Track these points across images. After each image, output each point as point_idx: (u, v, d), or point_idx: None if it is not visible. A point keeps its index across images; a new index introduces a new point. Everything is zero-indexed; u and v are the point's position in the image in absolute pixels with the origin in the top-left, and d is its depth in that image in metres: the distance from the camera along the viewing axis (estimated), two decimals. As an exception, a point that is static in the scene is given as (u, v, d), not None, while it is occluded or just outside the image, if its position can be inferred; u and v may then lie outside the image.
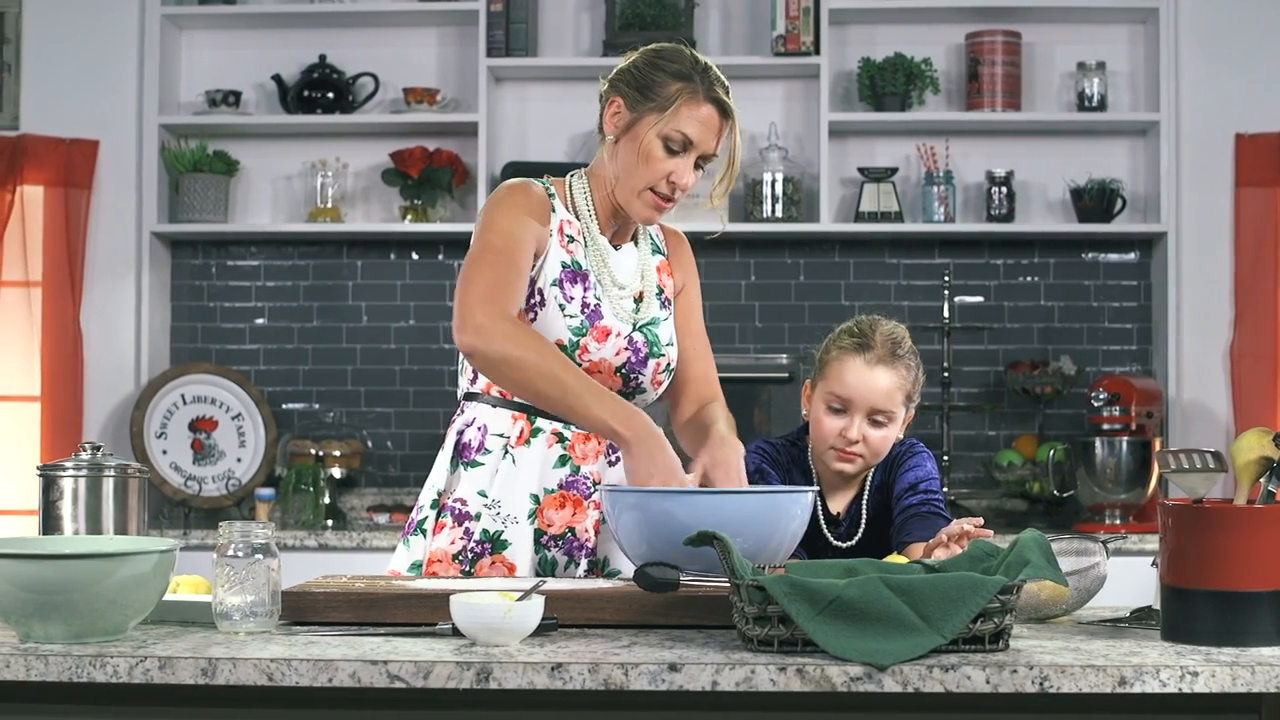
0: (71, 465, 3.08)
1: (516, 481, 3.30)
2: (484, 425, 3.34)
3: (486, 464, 3.32)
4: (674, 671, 2.35)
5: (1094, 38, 6.23)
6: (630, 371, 3.35)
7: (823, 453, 3.49)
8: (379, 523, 5.87)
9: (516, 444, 3.31)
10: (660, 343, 3.40)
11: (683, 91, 3.23)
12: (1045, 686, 2.34)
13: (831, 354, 3.52)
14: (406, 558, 3.35)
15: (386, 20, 6.32)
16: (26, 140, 6.19)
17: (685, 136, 3.24)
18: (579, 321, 3.28)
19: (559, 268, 3.30)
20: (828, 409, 3.48)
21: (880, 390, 3.46)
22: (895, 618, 2.41)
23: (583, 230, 3.36)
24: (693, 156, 3.26)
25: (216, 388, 6.21)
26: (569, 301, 3.29)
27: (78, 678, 2.40)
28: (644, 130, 3.25)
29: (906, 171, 6.25)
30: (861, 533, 3.54)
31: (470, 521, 3.29)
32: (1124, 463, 5.72)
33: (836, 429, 3.46)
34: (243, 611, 2.63)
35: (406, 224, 6.16)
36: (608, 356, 3.31)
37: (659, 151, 3.24)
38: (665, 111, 3.23)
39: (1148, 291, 6.27)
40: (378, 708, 2.46)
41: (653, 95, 3.25)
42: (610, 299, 3.34)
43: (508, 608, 2.48)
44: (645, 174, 3.26)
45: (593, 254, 3.35)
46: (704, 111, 3.25)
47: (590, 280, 3.33)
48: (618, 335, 3.32)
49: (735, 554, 2.51)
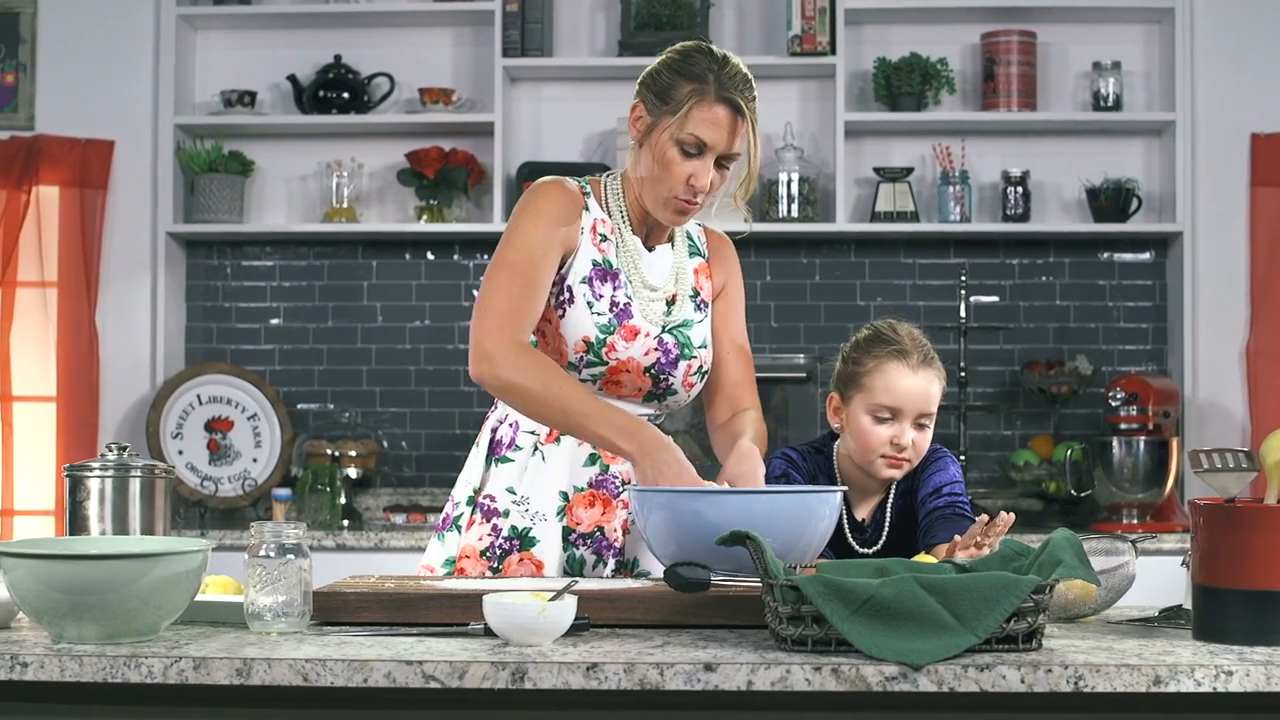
0: (98, 466, 3.08)
1: (545, 478, 3.31)
2: (515, 422, 3.35)
3: (517, 460, 3.33)
4: (709, 671, 2.35)
5: (1109, 38, 6.23)
6: (660, 372, 3.34)
7: (871, 462, 3.48)
8: (396, 523, 5.87)
9: (546, 441, 3.32)
10: (693, 345, 3.39)
11: (694, 94, 3.21)
12: (1080, 686, 2.34)
13: (867, 365, 3.50)
14: (441, 553, 3.36)
15: (402, 20, 6.32)
16: (42, 140, 6.20)
17: (698, 139, 3.22)
18: (607, 319, 3.28)
19: (589, 265, 3.30)
20: (874, 419, 3.47)
21: (927, 394, 3.47)
22: (929, 617, 2.41)
23: (616, 229, 3.36)
24: (710, 158, 3.24)
25: (232, 388, 6.22)
26: (598, 299, 3.29)
27: (112, 678, 2.41)
28: (660, 136, 3.25)
29: (922, 171, 6.25)
30: (885, 539, 3.54)
31: (499, 518, 3.30)
32: (1141, 462, 5.72)
33: (887, 438, 3.46)
34: (274, 612, 2.63)
35: (422, 224, 6.16)
36: (636, 356, 3.31)
37: (675, 156, 3.23)
38: (677, 115, 3.22)
39: (1163, 291, 6.27)
40: (411, 708, 2.46)
41: (667, 99, 3.24)
42: (640, 300, 3.34)
43: (541, 608, 2.48)
44: (665, 179, 3.26)
45: (624, 254, 3.35)
46: (716, 113, 3.22)
47: (621, 279, 3.33)
48: (646, 335, 3.32)
49: (769, 554, 2.51)
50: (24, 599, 2.53)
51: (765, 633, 2.59)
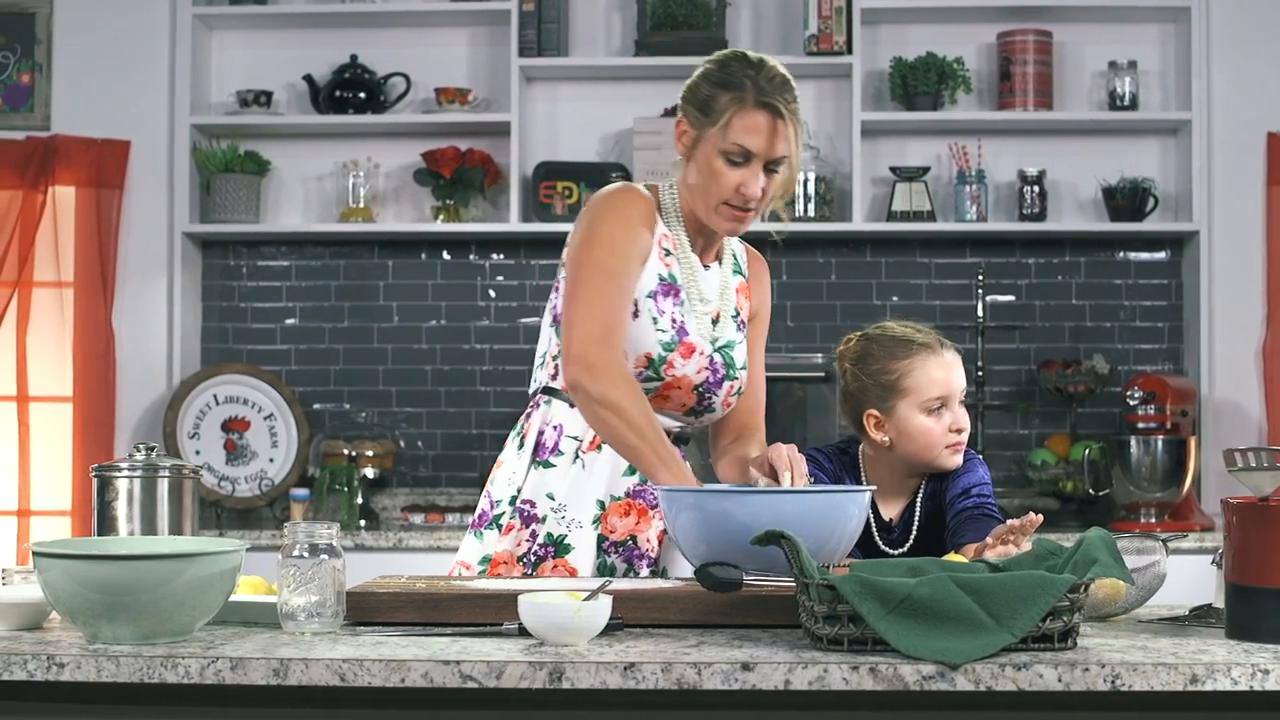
0: (126, 466, 3.09)
1: (585, 486, 3.31)
2: (560, 425, 3.35)
3: (558, 466, 3.33)
4: (747, 671, 2.35)
5: (1125, 37, 6.23)
6: (706, 391, 3.36)
7: (936, 456, 3.48)
8: (415, 523, 5.87)
9: (588, 449, 3.32)
10: (735, 366, 3.42)
11: (732, 103, 3.23)
12: (1117, 685, 2.34)
13: (899, 370, 3.49)
14: (478, 550, 3.35)
15: (418, 20, 6.31)
16: (58, 141, 6.20)
17: (742, 148, 3.24)
18: (669, 336, 3.29)
19: (656, 280, 3.31)
20: (928, 414, 3.48)
21: (961, 372, 3.53)
22: (966, 616, 2.41)
23: (677, 243, 3.36)
24: (757, 165, 3.25)
25: (248, 388, 6.22)
26: (660, 315, 3.29)
27: (149, 678, 2.41)
28: (705, 147, 3.27)
29: (938, 171, 6.25)
30: (913, 539, 3.54)
31: (536, 524, 3.30)
32: (1159, 461, 5.71)
33: (946, 426, 3.48)
34: (307, 612, 2.64)
35: (438, 224, 6.16)
36: (689, 374, 3.32)
37: (721, 166, 3.25)
38: (718, 126, 3.23)
39: (1179, 290, 6.26)
40: (448, 708, 2.46)
41: (709, 111, 3.26)
42: (695, 316, 3.35)
43: (577, 608, 2.48)
44: (715, 190, 3.27)
45: (685, 269, 3.36)
46: (756, 119, 3.23)
47: (681, 296, 3.33)
48: (700, 354, 3.33)
49: (804, 553, 2.52)
50: (59, 599, 2.53)
51: (799, 632, 2.59)
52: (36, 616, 2.73)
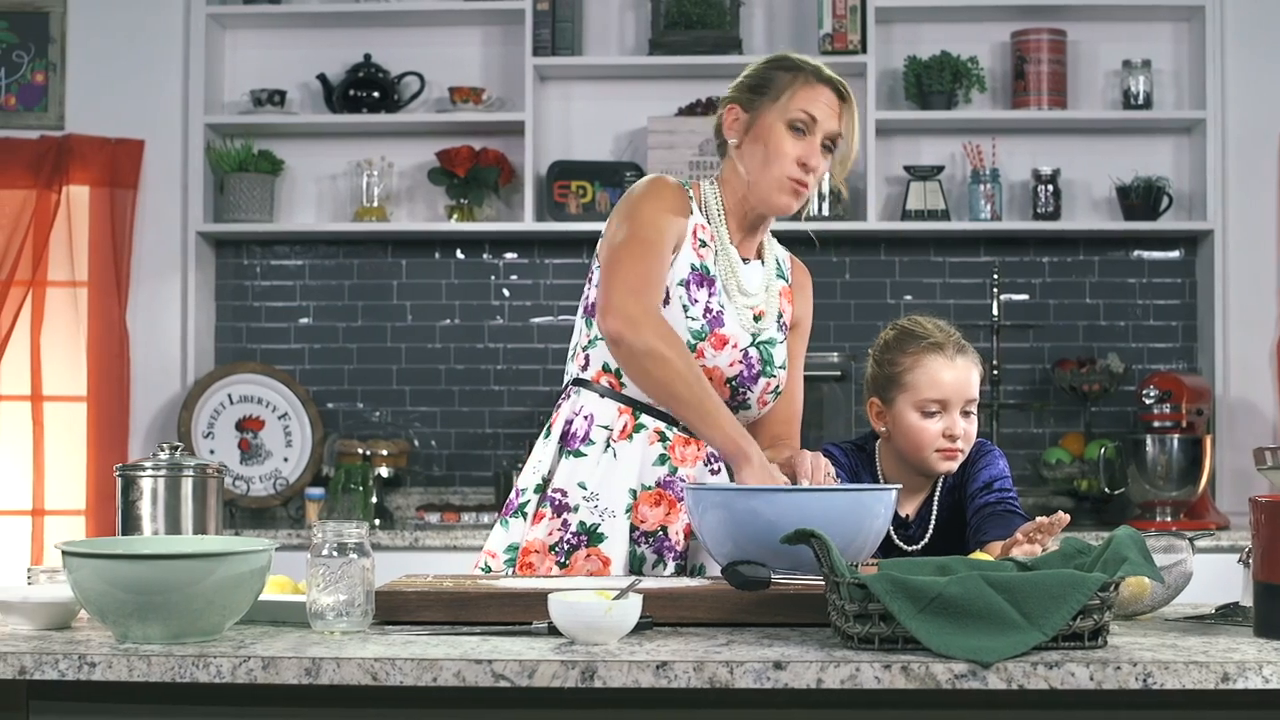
0: (151, 465, 3.09)
1: (616, 475, 3.31)
2: (590, 414, 3.35)
3: (589, 455, 3.33)
4: (779, 670, 2.35)
5: (1139, 36, 6.23)
6: (740, 385, 3.36)
7: (925, 458, 3.49)
8: (430, 522, 5.86)
9: (619, 438, 3.32)
10: (774, 363, 3.42)
11: (796, 79, 3.32)
12: (1149, 683, 2.34)
13: (905, 363, 3.51)
14: (504, 539, 3.36)
15: (432, 19, 6.31)
16: (72, 140, 6.20)
17: (808, 114, 3.30)
18: (700, 325, 3.30)
19: (688, 269, 3.32)
20: (923, 415, 3.48)
21: (969, 381, 3.51)
22: (997, 615, 2.41)
23: (715, 235, 3.37)
24: (819, 137, 3.32)
25: (263, 387, 6.22)
26: (693, 304, 3.30)
27: (180, 678, 2.41)
28: (765, 121, 3.33)
29: (952, 170, 6.25)
30: (930, 536, 3.54)
31: (569, 513, 3.30)
32: (1175, 460, 5.71)
33: (939, 431, 3.47)
34: (336, 611, 2.64)
35: (452, 223, 6.16)
36: (721, 365, 3.32)
37: (784, 135, 3.31)
38: (781, 99, 3.31)
39: (1193, 289, 6.26)
40: (480, 706, 2.46)
41: (766, 89, 3.34)
42: (736, 307, 3.36)
43: (608, 607, 2.48)
44: (777, 162, 3.31)
45: (722, 261, 3.37)
46: (821, 93, 3.32)
47: (716, 287, 3.35)
48: (734, 346, 3.34)
49: (834, 552, 2.51)
50: (89, 599, 2.53)
51: (828, 631, 2.59)
52: (65, 616, 2.73)
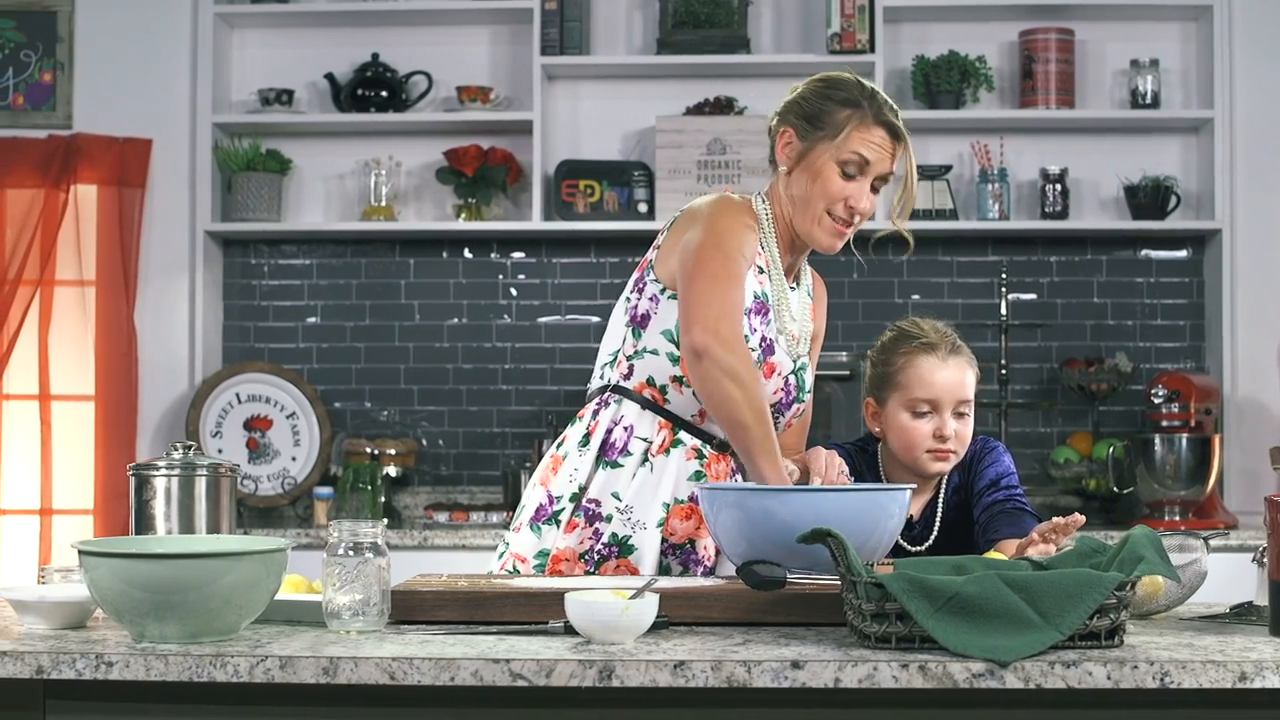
0: (164, 465, 3.09)
1: (651, 489, 3.31)
2: (630, 426, 3.34)
3: (626, 466, 3.32)
4: (797, 669, 2.35)
5: (1147, 35, 6.23)
6: (778, 411, 3.37)
7: (916, 458, 3.49)
8: (439, 521, 5.86)
9: (657, 452, 3.32)
10: (804, 389, 3.45)
11: (853, 117, 3.27)
12: (1166, 682, 2.35)
13: (897, 363, 3.51)
14: (535, 544, 3.34)
15: (439, 18, 6.31)
16: (80, 139, 6.20)
17: (861, 157, 3.27)
18: (756, 355, 3.29)
19: (751, 297, 3.30)
20: (913, 415, 3.48)
21: (961, 382, 3.49)
22: (1014, 614, 2.41)
23: (769, 261, 3.37)
24: (869, 180, 3.29)
25: (271, 387, 6.22)
26: (752, 333, 3.29)
27: (198, 677, 2.41)
28: (818, 158, 3.29)
29: (960, 169, 6.25)
30: (935, 536, 3.53)
31: (601, 523, 3.30)
32: (1183, 459, 5.71)
33: (929, 431, 3.47)
34: (352, 610, 2.64)
35: (460, 222, 6.16)
36: (767, 393, 3.31)
37: (835, 177, 3.28)
38: (837, 138, 3.26)
39: (1200, 288, 6.26)
40: (497, 706, 2.46)
41: (823, 124, 3.29)
42: (785, 336, 3.36)
43: (624, 606, 2.48)
44: (823, 200, 3.29)
45: (776, 288, 3.37)
46: (876, 134, 3.28)
47: (770, 316, 3.34)
48: (779, 374, 3.34)
49: (851, 552, 2.52)
50: (105, 598, 2.53)
51: (844, 630, 2.60)
52: (80, 615, 2.74)
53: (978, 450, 3.57)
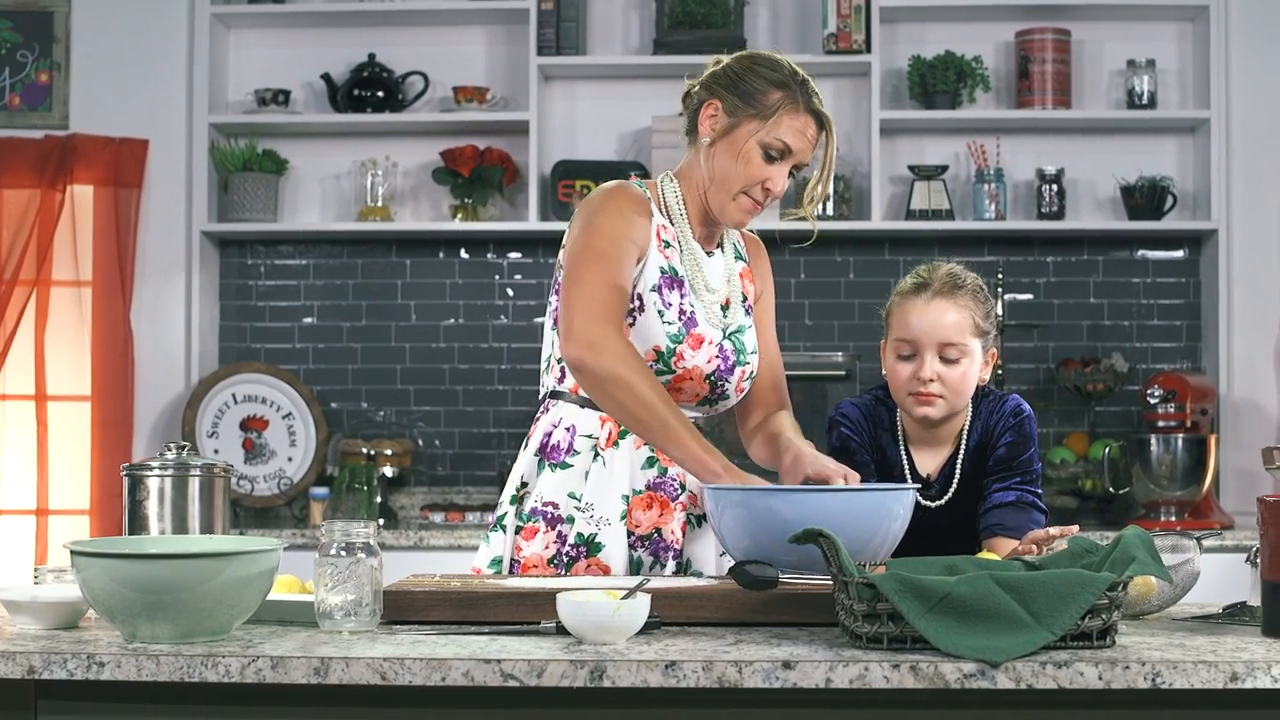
0: (158, 465, 3.09)
1: (608, 483, 3.31)
2: (572, 426, 3.35)
3: (576, 465, 3.32)
4: (788, 669, 2.35)
5: (1143, 35, 6.23)
6: (718, 379, 3.36)
7: (902, 402, 3.45)
8: (435, 521, 5.86)
9: (606, 446, 3.32)
10: (746, 350, 3.42)
11: (784, 101, 3.27)
12: (1157, 682, 2.35)
13: (889, 307, 3.52)
14: (487, 554, 3.36)
15: (436, 19, 6.31)
16: (76, 140, 6.20)
17: (785, 145, 3.28)
18: (676, 329, 3.30)
19: (658, 273, 3.31)
20: (898, 357, 3.44)
21: (944, 324, 3.40)
22: (1006, 614, 2.41)
23: (678, 235, 3.37)
24: (789, 165, 3.31)
25: (267, 387, 6.21)
26: (667, 308, 3.30)
27: (189, 677, 2.41)
28: (744, 136, 3.29)
29: (957, 169, 6.25)
30: (953, 492, 3.48)
31: (563, 525, 3.29)
32: (1179, 459, 5.71)
33: (909, 373, 3.42)
34: (344, 611, 2.64)
35: (456, 223, 6.16)
36: (700, 364, 3.32)
37: (758, 158, 3.28)
38: (767, 120, 3.27)
39: (1197, 289, 6.26)
40: (488, 706, 2.46)
41: (753, 102, 3.29)
42: (704, 305, 3.35)
43: (616, 606, 2.48)
44: (742, 179, 3.30)
45: (688, 259, 3.37)
46: (803, 121, 3.29)
47: (685, 287, 3.34)
48: (710, 343, 3.34)
49: (843, 552, 2.51)
50: (97, 598, 2.53)
51: (836, 630, 2.60)
52: (72, 615, 2.74)
53: (1003, 411, 3.49)
